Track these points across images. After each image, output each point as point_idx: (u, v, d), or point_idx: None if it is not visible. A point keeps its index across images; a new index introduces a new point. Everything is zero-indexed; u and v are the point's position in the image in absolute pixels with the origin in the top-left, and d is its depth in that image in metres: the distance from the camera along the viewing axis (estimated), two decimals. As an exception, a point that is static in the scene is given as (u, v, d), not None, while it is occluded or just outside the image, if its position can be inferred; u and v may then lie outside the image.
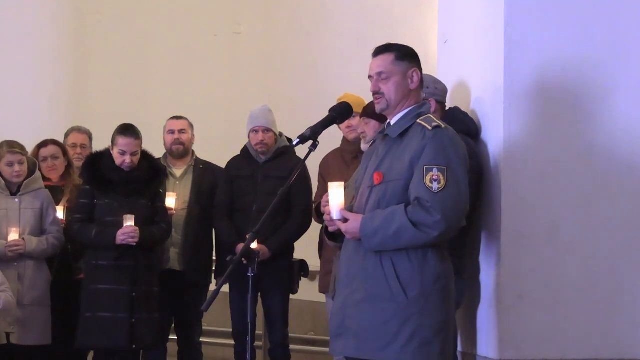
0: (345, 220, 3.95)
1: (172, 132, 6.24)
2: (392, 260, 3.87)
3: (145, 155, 5.84)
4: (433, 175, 3.82)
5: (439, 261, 3.89)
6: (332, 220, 4.00)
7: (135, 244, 5.55)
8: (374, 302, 3.87)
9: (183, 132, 6.23)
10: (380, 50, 4.07)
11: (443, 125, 3.93)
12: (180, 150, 6.23)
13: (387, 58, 4.02)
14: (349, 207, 4.05)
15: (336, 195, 3.98)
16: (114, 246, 5.57)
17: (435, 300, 3.85)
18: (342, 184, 4.03)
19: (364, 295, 3.90)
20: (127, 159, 5.68)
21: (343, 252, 4.10)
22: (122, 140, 5.68)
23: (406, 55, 4.05)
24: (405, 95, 4.03)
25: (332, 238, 4.21)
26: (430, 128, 3.89)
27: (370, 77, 4.06)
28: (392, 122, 4.05)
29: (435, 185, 3.81)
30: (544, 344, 4.25)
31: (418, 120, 3.96)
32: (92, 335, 5.56)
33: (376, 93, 4.04)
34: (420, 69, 4.04)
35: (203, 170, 6.26)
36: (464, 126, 4.57)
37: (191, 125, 6.31)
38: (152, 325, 5.64)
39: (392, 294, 3.84)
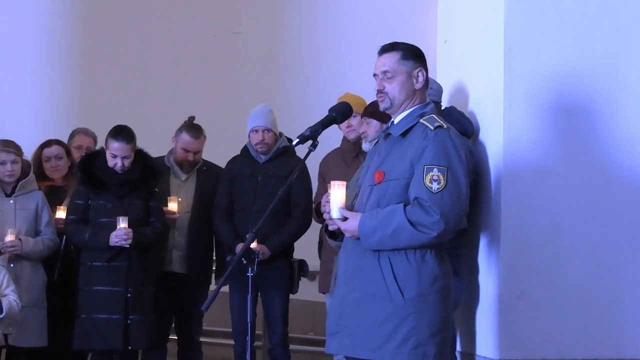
0: (344, 218, 3.95)
1: (186, 150, 6.15)
2: (390, 259, 3.86)
3: (141, 155, 5.83)
4: (433, 175, 3.82)
5: (437, 262, 3.88)
6: (331, 219, 4.00)
7: (128, 245, 5.55)
8: (370, 301, 3.86)
9: (197, 153, 6.17)
10: (386, 49, 4.05)
11: (445, 126, 3.92)
12: (190, 167, 6.18)
13: (393, 57, 4.01)
14: (350, 205, 4.05)
15: (337, 194, 3.97)
16: (107, 247, 5.57)
17: (432, 301, 3.84)
18: (344, 183, 4.03)
19: (361, 293, 3.89)
20: (119, 162, 5.67)
21: (342, 250, 4.10)
22: (113, 144, 5.67)
23: (412, 55, 4.04)
24: (410, 94, 4.02)
25: (332, 237, 4.21)
26: (432, 128, 3.89)
27: (375, 75, 4.06)
28: (396, 121, 4.05)
29: (435, 186, 3.80)
30: (543, 344, 4.25)
31: (421, 120, 3.95)
32: (87, 337, 5.56)
33: (380, 92, 4.03)
34: (426, 69, 4.05)
35: (206, 172, 6.23)
36: (460, 126, 4.58)
37: (205, 137, 6.21)
38: (147, 326, 5.62)
39: (389, 293, 3.83)
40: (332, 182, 4.03)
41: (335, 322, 3.99)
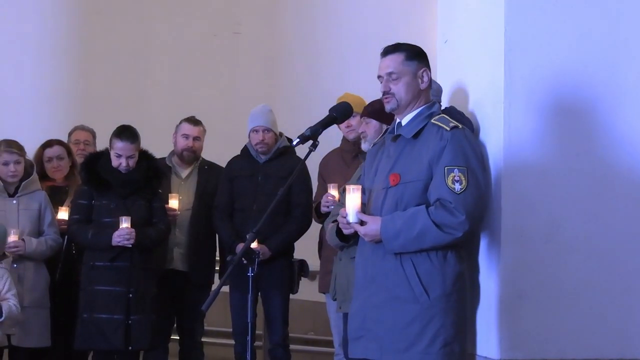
0: (362, 222, 3.94)
1: (186, 136, 6.18)
2: (413, 261, 3.88)
3: (145, 155, 5.84)
4: (454, 176, 3.84)
5: (458, 261, 3.93)
6: (349, 223, 3.98)
7: (131, 245, 5.56)
8: (395, 304, 3.87)
9: (197, 140, 6.19)
10: (389, 50, 4.06)
11: (460, 126, 3.95)
12: (191, 157, 6.22)
13: (397, 58, 4.02)
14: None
15: (353, 198, 3.96)
16: (110, 247, 5.57)
17: (455, 299, 3.90)
18: (359, 187, 4.02)
19: (385, 297, 3.90)
20: (124, 162, 5.68)
21: (359, 254, 4.08)
22: (118, 144, 5.69)
23: (416, 55, 4.05)
24: (416, 95, 4.04)
25: (344, 240, 4.20)
26: (448, 129, 3.91)
27: (379, 77, 4.06)
28: (403, 122, 4.05)
29: (457, 186, 3.83)
30: (543, 344, 4.25)
31: (432, 120, 3.97)
32: (89, 337, 5.57)
33: (386, 93, 4.03)
34: (429, 68, 4.05)
35: (208, 171, 6.25)
36: (460, 126, 4.58)
37: (204, 131, 6.26)
38: (149, 326, 5.64)
39: (414, 295, 3.85)
40: (347, 187, 4.02)
41: (358, 327, 3.98)
